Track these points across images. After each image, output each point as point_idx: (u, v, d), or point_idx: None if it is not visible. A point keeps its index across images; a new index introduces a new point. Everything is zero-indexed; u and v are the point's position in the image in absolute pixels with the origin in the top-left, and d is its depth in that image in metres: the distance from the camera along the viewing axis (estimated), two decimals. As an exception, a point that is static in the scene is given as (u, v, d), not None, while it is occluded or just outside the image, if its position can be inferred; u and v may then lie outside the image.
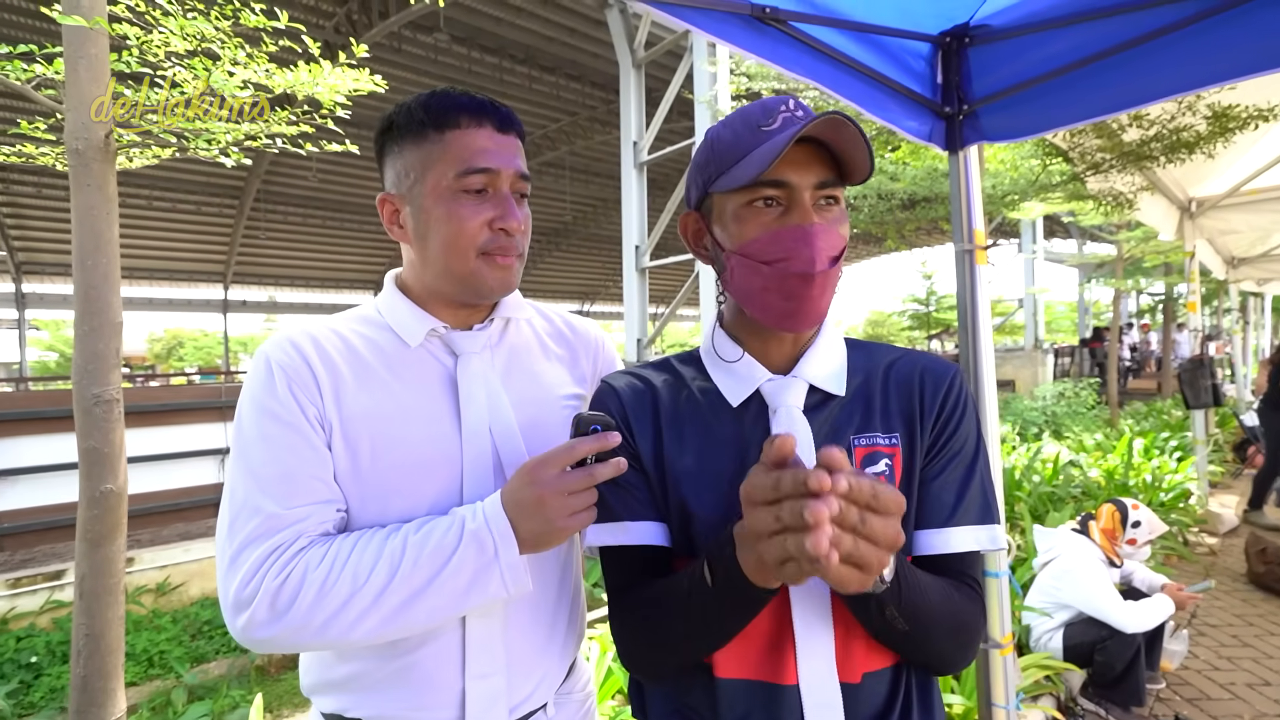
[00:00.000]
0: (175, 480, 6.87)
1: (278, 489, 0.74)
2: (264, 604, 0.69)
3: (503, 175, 0.82)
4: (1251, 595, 3.80)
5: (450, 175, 0.80)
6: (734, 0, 1.25)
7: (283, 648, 0.73)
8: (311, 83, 1.72)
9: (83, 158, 1.37)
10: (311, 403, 0.78)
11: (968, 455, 0.77)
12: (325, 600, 0.70)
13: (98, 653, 1.47)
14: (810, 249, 0.69)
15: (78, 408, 1.46)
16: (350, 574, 0.71)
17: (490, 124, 0.82)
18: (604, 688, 2.26)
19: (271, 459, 0.75)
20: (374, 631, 0.71)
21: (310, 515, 0.75)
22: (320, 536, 0.75)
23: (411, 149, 0.82)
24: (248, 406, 0.78)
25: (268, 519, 0.73)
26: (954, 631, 0.73)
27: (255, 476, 0.75)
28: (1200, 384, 5.16)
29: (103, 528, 1.46)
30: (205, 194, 16.90)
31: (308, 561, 0.71)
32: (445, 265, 0.82)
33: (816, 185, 0.70)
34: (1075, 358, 16.33)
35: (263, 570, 0.70)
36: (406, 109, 0.82)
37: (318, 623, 0.70)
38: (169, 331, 36.95)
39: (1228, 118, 3.43)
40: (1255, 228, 5.33)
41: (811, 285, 0.70)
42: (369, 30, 10.75)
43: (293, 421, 0.76)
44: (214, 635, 4.71)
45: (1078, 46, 1.42)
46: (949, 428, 0.77)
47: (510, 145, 0.83)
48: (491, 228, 0.81)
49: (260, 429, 0.76)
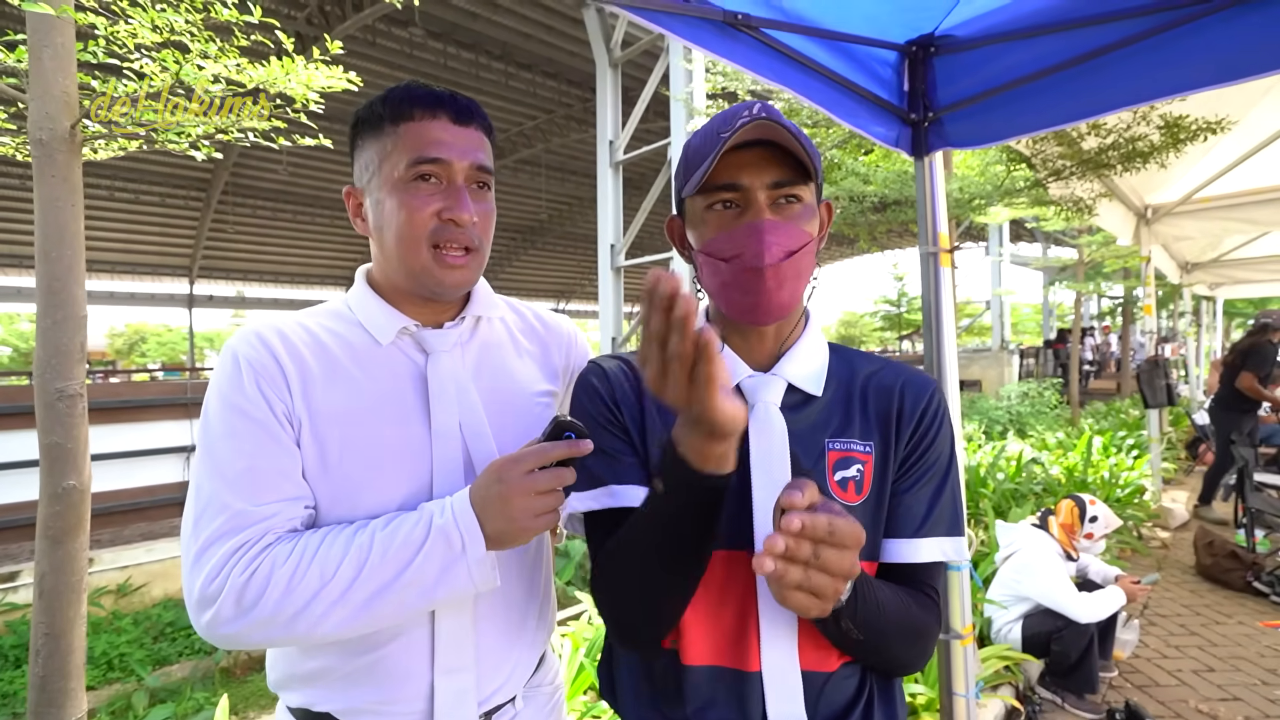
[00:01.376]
0: (137, 479, 6.69)
1: (245, 485, 0.74)
2: (230, 599, 0.69)
3: (455, 166, 0.81)
4: (1199, 586, 3.97)
5: (402, 166, 0.79)
6: (707, 6, 1.27)
7: (249, 644, 0.72)
8: (284, 78, 1.70)
9: (47, 148, 1.34)
10: (280, 399, 0.77)
11: (941, 468, 0.80)
12: (292, 595, 0.69)
13: (57, 653, 1.43)
14: (760, 244, 0.71)
15: (40, 402, 1.43)
16: (318, 568, 0.70)
17: (446, 115, 0.81)
18: (575, 683, 2.28)
19: (239, 455, 0.74)
20: (342, 625, 0.71)
21: (278, 512, 0.74)
22: (287, 533, 0.75)
23: (372, 142, 0.82)
24: (215, 402, 0.77)
25: (234, 515, 0.72)
26: (908, 641, 0.75)
27: (222, 473, 0.74)
28: (1156, 384, 5.35)
29: (64, 524, 1.43)
30: (170, 185, 16.44)
31: (275, 557, 0.71)
32: (399, 258, 0.82)
33: (772, 185, 0.73)
34: (1039, 358, 16.81)
35: (229, 566, 0.70)
36: (371, 104, 0.83)
37: (285, 617, 0.69)
38: (130, 326, 35.84)
39: (1179, 128, 3.58)
40: (1206, 234, 5.56)
41: (763, 278, 0.72)
42: (342, 23, 10.55)
43: (260, 418, 0.76)
44: (177, 637, 4.60)
45: (1039, 58, 1.48)
46: (925, 441, 0.79)
47: (467, 137, 0.82)
48: (440, 218, 0.80)
49: (227, 425, 0.76)
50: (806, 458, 0.76)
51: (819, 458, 0.77)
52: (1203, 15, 1.25)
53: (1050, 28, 1.43)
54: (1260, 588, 3.77)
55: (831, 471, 0.77)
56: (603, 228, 8.89)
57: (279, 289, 23.35)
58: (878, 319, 17.41)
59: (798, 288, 0.75)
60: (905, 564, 0.78)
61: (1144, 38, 1.32)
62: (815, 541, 0.54)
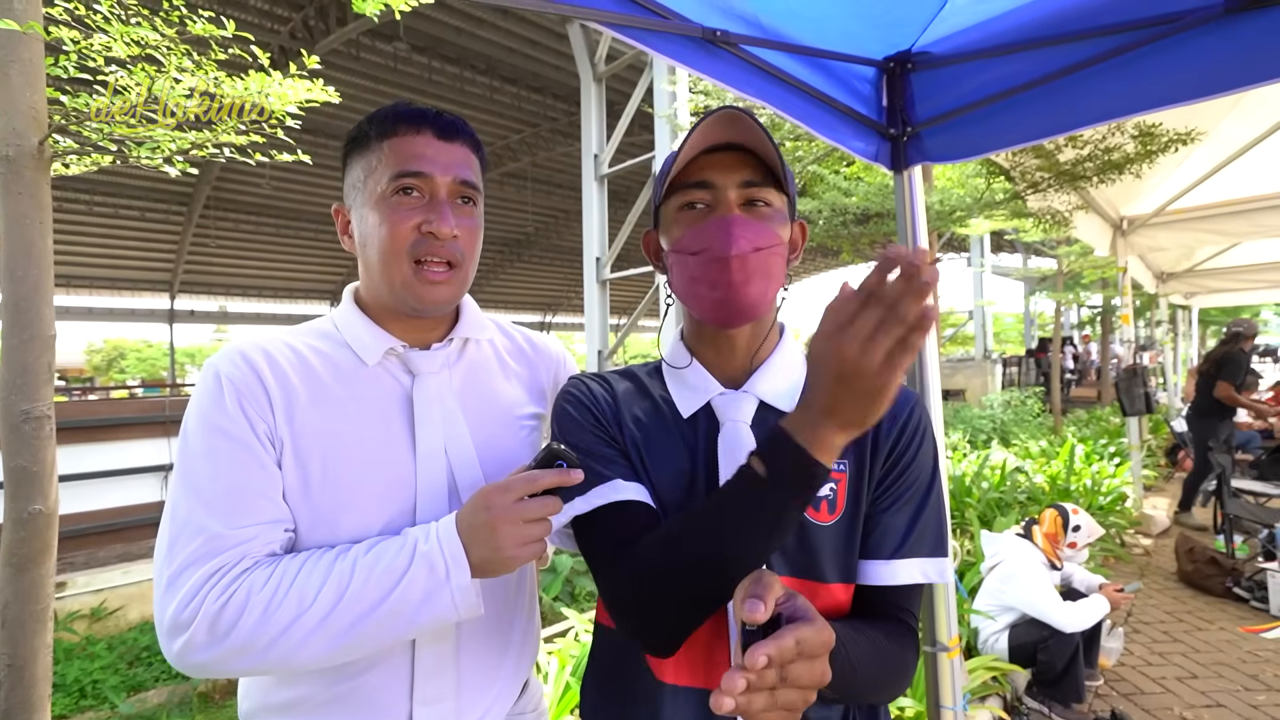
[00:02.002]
0: (114, 499, 6.53)
1: (223, 507, 0.72)
2: (203, 626, 0.67)
3: (437, 181, 0.80)
4: (1181, 593, 4.00)
5: (385, 180, 0.79)
6: (686, 23, 1.28)
7: (222, 672, 0.70)
8: (260, 92, 1.68)
9: (14, 165, 1.31)
10: (262, 419, 0.76)
11: (922, 486, 0.77)
12: (270, 622, 0.67)
13: (21, 684, 1.38)
14: (726, 235, 0.72)
15: (4, 424, 1.38)
16: (296, 595, 0.69)
17: (430, 131, 0.81)
18: (561, 702, 2.24)
19: (217, 476, 0.73)
20: (320, 653, 0.69)
21: (256, 536, 0.72)
22: (266, 557, 0.73)
23: (358, 160, 0.83)
24: (194, 421, 0.75)
25: (211, 539, 0.70)
26: (885, 685, 0.73)
27: (199, 494, 0.72)
28: (1135, 392, 5.44)
29: (30, 551, 1.38)
30: (150, 199, 16.24)
31: (251, 583, 0.69)
32: (381, 273, 0.81)
33: (741, 184, 0.74)
34: (1022, 367, 17.01)
35: (203, 592, 0.68)
36: (360, 124, 0.84)
37: (260, 645, 0.67)
38: (109, 342, 35.25)
39: (1152, 137, 3.67)
40: (1181, 245, 5.68)
41: (730, 269, 0.71)
42: (326, 37, 10.55)
43: (241, 438, 0.74)
44: (153, 662, 4.47)
45: (1014, 74, 1.51)
46: (904, 459, 0.77)
47: (451, 152, 0.82)
48: (420, 231, 0.79)
49: (206, 444, 0.74)
50: None
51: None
52: (1169, 34, 1.28)
53: (1023, 45, 1.46)
54: (1240, 593, 3.82)
55: None
56: (588, 241, 8.91)
57: (262, 304, 23.10)
58: (862, 329, 17.61)
59: (766, 288, 0.75)
60: (882, 586, 0.76)
61: (1112, 56, 1.35)
62: (782, 665, 0.50)
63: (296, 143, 2.00)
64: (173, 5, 1.65)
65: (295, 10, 10.68)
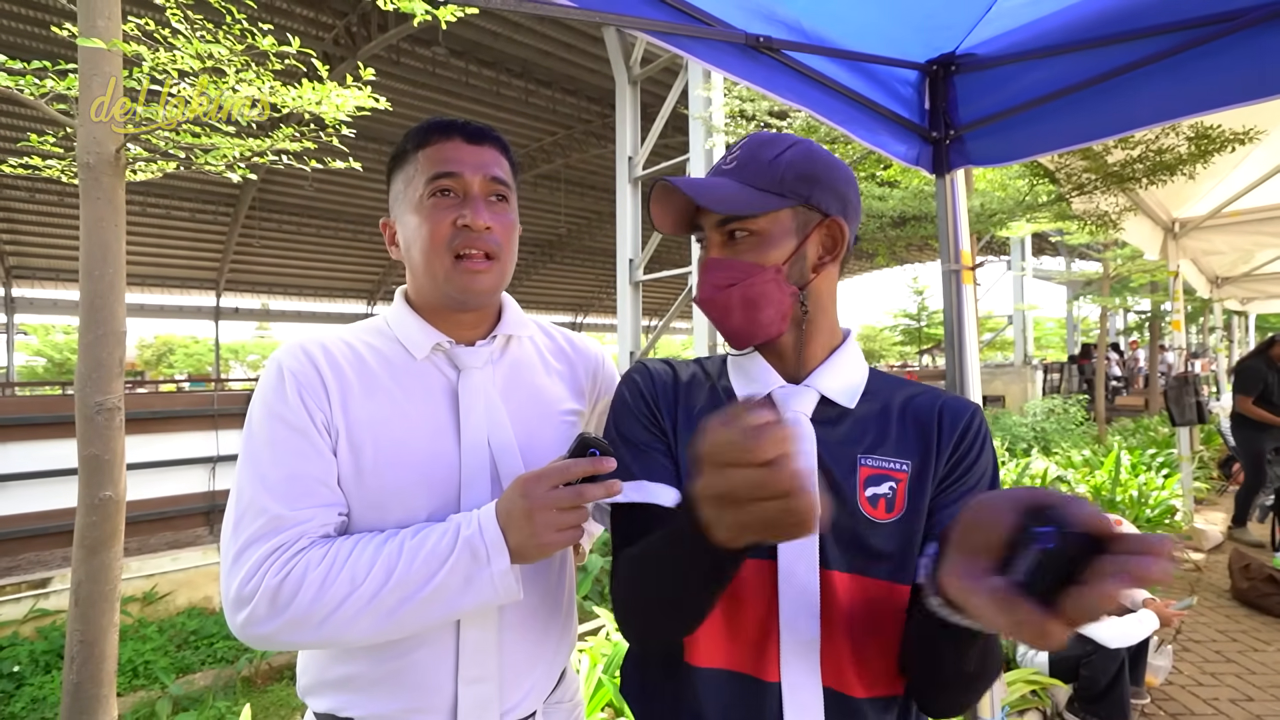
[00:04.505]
0: (164, 489, 6.81)
1: (284, 491, 0.77)
2: (264, 600, 0.71)
3: (469, 179, 0.86)
4: (1235, 611, 3.84)
5: (422, 185, 0.86)
6: (729, 30, 1.30)
7: (281, 644, 0.74)
8: (315, 101, 1.76)
9: (93, 171, 1.40)
10: (320, 409, 0.81)
11: (984, 487, 0.79)
12: (324, 598, 0.72)
13: (91, 659, 1.47)
14: (701, 280, 0.81)
15: (79, 415, 1.47)
16: (349, 574, 0.73)
17: (459, 137, 0.88)
18: (594, 700, 2.27)
19: (279, 462, 0.78)
20: (369, 630, 0.73)
21: (314, 517, 0.77)
22: (321, 538, 0.77)
23: (399, 173, 0.90)
24: (259, 410, 0.81)
25: (272, 519, 0.75)
26: (991, 678, 0.73)
27: (263, 478, 0.77)
28: (1185, 401, 5.23)
29: (100, 534, 1.47)
30: (200, 201, 16.90)
31: (308, 560, 0.73)
32: (425, 269, 0.86)
33: (718, 224, 0.80)
34: (1064, 374, 16.51)
35: (264, 567, 0.73)
36: (399, 142, 0.91)
37: (316, 619, 0.72)
38: (159, 338, 36.66)
39: (1208, 139, 3.54)
40: (1237, 248, 5.44)
41: (711, 309, 0.80)
42: (368, 43, 10.83)
43: (301, 426, 0.79)
44: (200, 646, 4.65)
45: (1061, 76, 1.48)
46: (965, 460, 0.78)
47: (481, 154, 0.88)
48: (456, 225, 0.85)
49: (269, 433, 0.79)
50: (837, 470, 0.76)
51: (850, 472, 0.76)
52: (1226, 34, 1.24)
53: (1072, 46, 1.43)
54: (1300, 613, 3.65)
55: (862, 488, 0.76)
56: (621, 242, 8.96)
57: (303, 302, 23.77)
58: (897, 333, 17.23)
59: (754, 315, 0.78)
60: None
61: (1167, 55, 1.32)
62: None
63: (345, 153, 2.07)
64: (234, 19, 1.73)
65: (339, 18, 11.00)
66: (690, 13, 1.26)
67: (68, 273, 18.12)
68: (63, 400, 7.36)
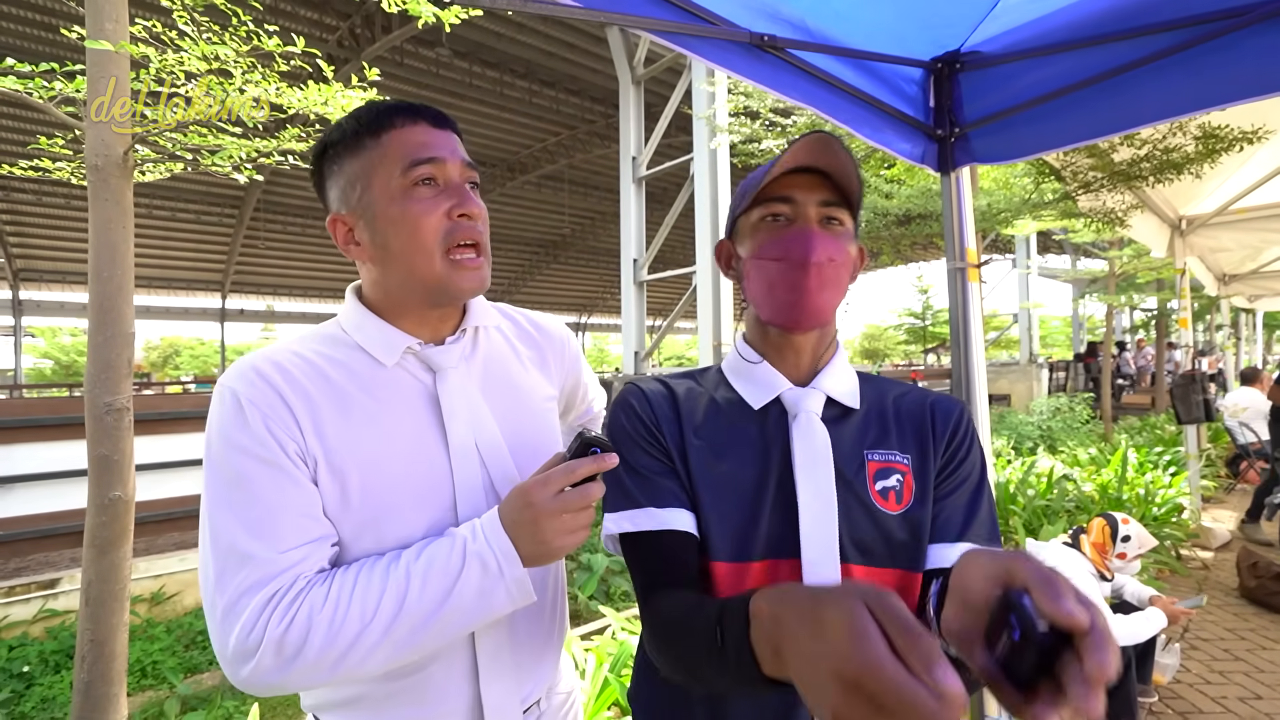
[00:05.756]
0: (171, 489, 6.83)
1: (267, 532, 0.70)
2: (269, 651, 0.66)
3: (449, 164, 0.80)
4: (1244, 610, 3.82)
5: (397, 173, 0.77)
6: (734, 29, 1.30)
7: (292, 689, 0.70)
8: (321, 101, 1.77)
9: (101, 173, 1.41)
10: (291, 438, 0.73)
11: (974, 479, 0.82)
12: (336, 640, 0.68)
13: (101, 658, 1.48)
14: (807, 244, 0.77)
15: (89, 415, 1.48)
16: (358, 609, 0.69)
17: (425, 121, 0.80)
18: (600, 698, 2.27)
19: (254, 501, 0.71)
20: (388, 660, 0.71)
21: (306, 556, 0.71)
22: (318, 575, 0.72)
23: (351, 161, 0.80)
24: (219, 446, 0.72)
25: (260, 564, 0.69)
26: None
27: (239, 519, 0.70)
28: (1192, 399, 5.20)
29: (110, 534, 1.48)
30: (205, 203, 16.98)
31: (312, 603, 0.68)
32: (410, 269, 0.79)
33: (820, 203, 0.79)
34: (1070, 372, 16.42)
35: (264, 617, 0.67)
36: (339, 127, 0.81)
37: (329, 661, 0.68)
38: (165, 339, 36.85)
39: (1216, 138, 3.51)
40: (1245, 245, 5.41)
41: (808, 275, 0.77)
42: (372, 44, 10.87)
43: (272, 459, 0.72)
44: (207, 646, 4.67)
45: (1065, 73, 1.48)
46: (958, 456, 0.82)
47: (449, 139, 0.81)
48: (451, 216, 0.78)
49: (237, 471, 0.71)
50: (848, 468, 0.79)
51: (859, 468, 0.79)
52: (1231, 30, 1.24)
53: (1077, 44, 1.43)
54: (1309, 612, 3.62)
55: (872, 481, 0.79)
56: (625, 242, 8.96)
57: (307, 303, 23.88)
58: (901, 332, 17.17)
59: (834, 297, 0.80)
60: (949, 568, 0.77)
61: (1172, 52, 1.31)
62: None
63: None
64: (240, 21, 1.74)
65: (343, 19, 11.03)
66: (695, 12, 1.26)
67: (74, 275, 18.24)
68: (69, 402, 7.40)
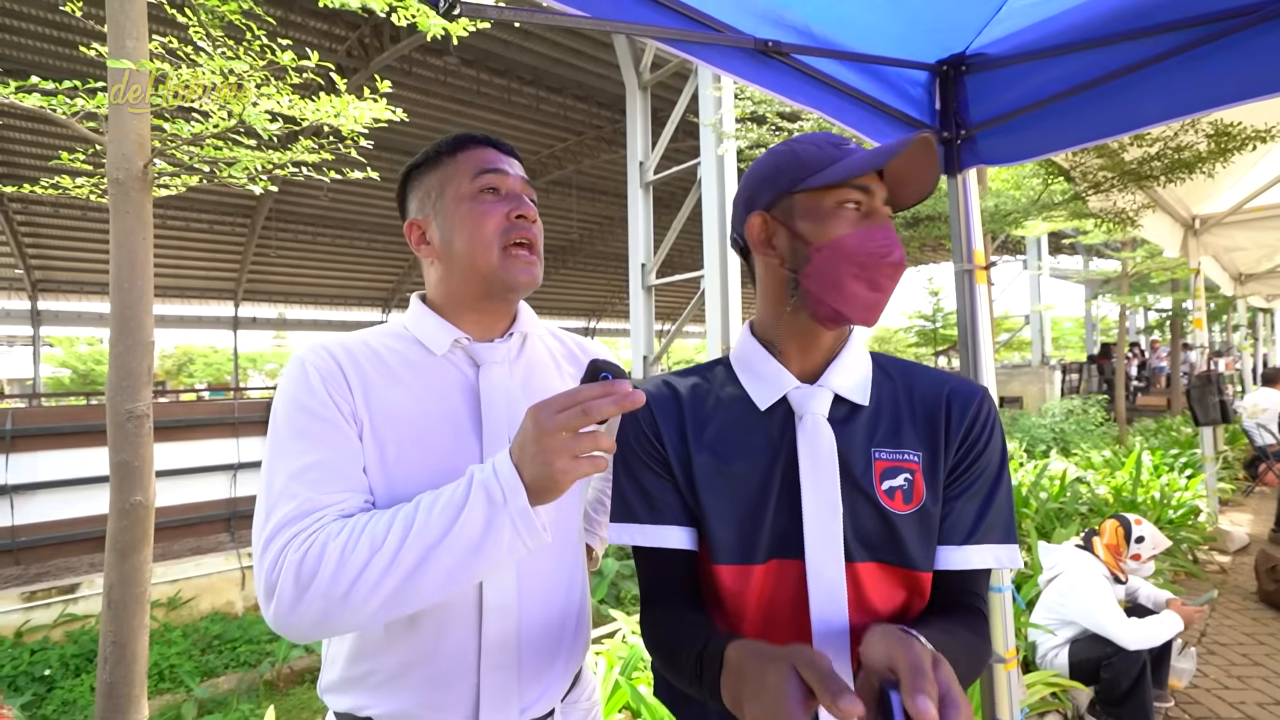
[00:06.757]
0: (187, 495, 6.92)
1: (314, 477, 0.77)
2: (289, 580, 0.70)
3: (511, 178, 0.93)
4: (1262, 614, 3.77)
5: (467, 181, 0.91)
6: (739, 35, 1.31)
7: (310, 628, 0.72)
8: (334, 113, 1.80)
9: (122, 187, 1.45)
10: (345, 400, 0.83)
11: (991, 475, 0.80)
12: (346, 566, 0.70)
13: (123, 660, 1.51)
14: (895, 244, 0.77)
15: (111, 422, 1.52)
16: (368, 537, 0.72)
17: (494, 147, 0.96)
18: (611, 701, 2.28)
19: (307, 451, 0.79)
20: (395, 594, 0.70)
21: (345, 499, 0.78)
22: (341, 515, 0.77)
23: (430, 174, 0.94)
24: (283, 405, 0.82)
25: (302, 503, 0.75)
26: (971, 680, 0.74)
27: (291, 465, 0.78)
28: (1209, 401, 5.15)
29: (131, 538, 1.52)
30: (218, 212, 17.17)
31: (328, 533, 0.73)
32: (471, 262, 0.89)
33: (884, 200, 0.79)
34: (1083, 374, 16.25)
35: (288, 549, 0.72)
36: (424, 152, 0.96)
37: (340, 591, 0.69)
38: (179, 348, 37.28)
39: (1228, 137, 3.48)
40: (1261, 244, 5.35)
41: (898, 275, 0.77)
42: (380, 54, 10.98)
43: (328, 416, 0.81)
44: (224, 650, 4.73)
45: (1072, 74, 1.48)
46: (975, 449, 0.79)
47: (513, 161, 0.96)
48: (509, 218, 0.90)
49: (296, 425, 0.80)
50: (855, 466, 0.77)
51: (867, 467, 0.78)
52: (1239, 29, 1.24)
53: (1083, 44, 1.43)
54: (1330, 615, 3.57)
55: (879, 481, 0.77)
56: (633, 247, 8.99)
57: (319, 310, 24.06)
58: (911, 334, 17.07)
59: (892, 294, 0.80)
60: (955, 571, 0.78)
61: (1179, 52, 1.31)
62: None
63: (364, 164, 2.12)
64: (254, 36, 1.78)
65: (351, 30, 11.16)
66: (699, 19, 1.27)
67: (91, 285, 18.51)
68: (88, 410, 7.52)
